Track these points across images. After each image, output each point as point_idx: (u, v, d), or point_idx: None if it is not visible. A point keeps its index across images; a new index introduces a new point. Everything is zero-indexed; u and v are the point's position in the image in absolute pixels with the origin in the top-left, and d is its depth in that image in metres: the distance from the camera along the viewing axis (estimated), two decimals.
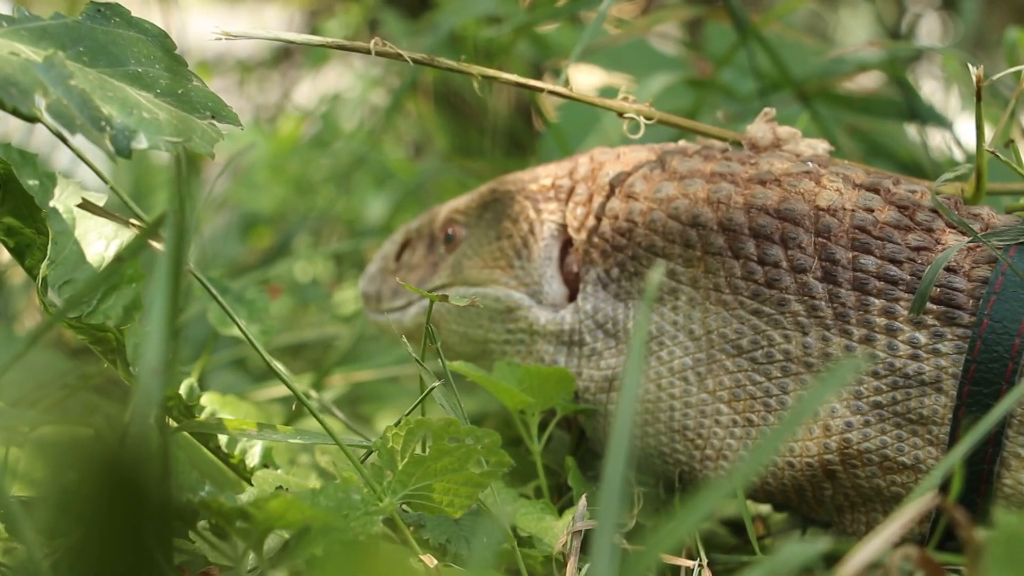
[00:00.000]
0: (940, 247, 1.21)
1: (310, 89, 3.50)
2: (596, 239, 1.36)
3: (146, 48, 1.16)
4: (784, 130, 1.34)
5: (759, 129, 1.34)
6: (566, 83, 1.37)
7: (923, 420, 1.19)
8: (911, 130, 2.15)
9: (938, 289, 1.20)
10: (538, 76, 2.31)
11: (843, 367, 0.91)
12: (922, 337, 1.19)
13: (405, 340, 1.26)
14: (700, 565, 1.23)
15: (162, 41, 1.18)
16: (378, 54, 1.33)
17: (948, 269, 1.20)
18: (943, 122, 2.02)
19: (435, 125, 2.99)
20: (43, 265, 1.20)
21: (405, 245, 1.56)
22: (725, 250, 1.26)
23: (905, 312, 1.20)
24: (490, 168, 2.40)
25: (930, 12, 5.64)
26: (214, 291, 1.15)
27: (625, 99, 1.36)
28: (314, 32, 3.33)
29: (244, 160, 2.68)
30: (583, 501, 1.23)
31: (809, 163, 1.29)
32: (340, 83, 3.29)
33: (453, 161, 2.71)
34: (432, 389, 1.19)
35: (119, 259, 1.20)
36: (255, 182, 2.70)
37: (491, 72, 1.35)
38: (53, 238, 1.21)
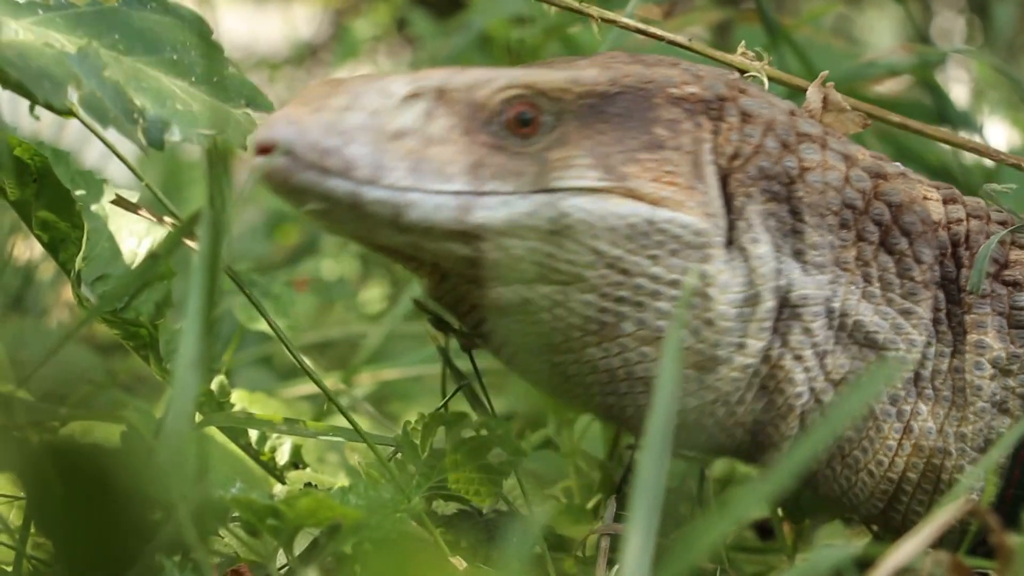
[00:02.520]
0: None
1: None
2: (754, 176, 1.19)
3: (182, 34, 1.16)
4: (832, 94, 1.32)
5: (813, 93, 1.32)
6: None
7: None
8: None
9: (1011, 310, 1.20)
10: None
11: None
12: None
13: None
14: (723, 570, 1.22)
15: (199, 27, 1.18)
16: None
17: (1016, 284, 1.21)
18: (972, 126, 2.02)
19: None
20: (78, 259, 1.20)
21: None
22: (878, 241, 1.22)
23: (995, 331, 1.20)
24: None
25: (956, 15, 5.63)
26: (242, 284, 1.15)
27: (744, 55, 1.34)
28: (342, 31, 3.34)
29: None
30: (612, 503, 1.22)
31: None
32: None
33: None
34: (460, 388, 1.19)
35: (154, 256, 1.20)
36: None
37: (610, 15, 1.36)
38: (87, 233, 1.21)
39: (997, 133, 2.73)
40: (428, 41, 3.02)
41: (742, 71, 1.30)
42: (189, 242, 1.10)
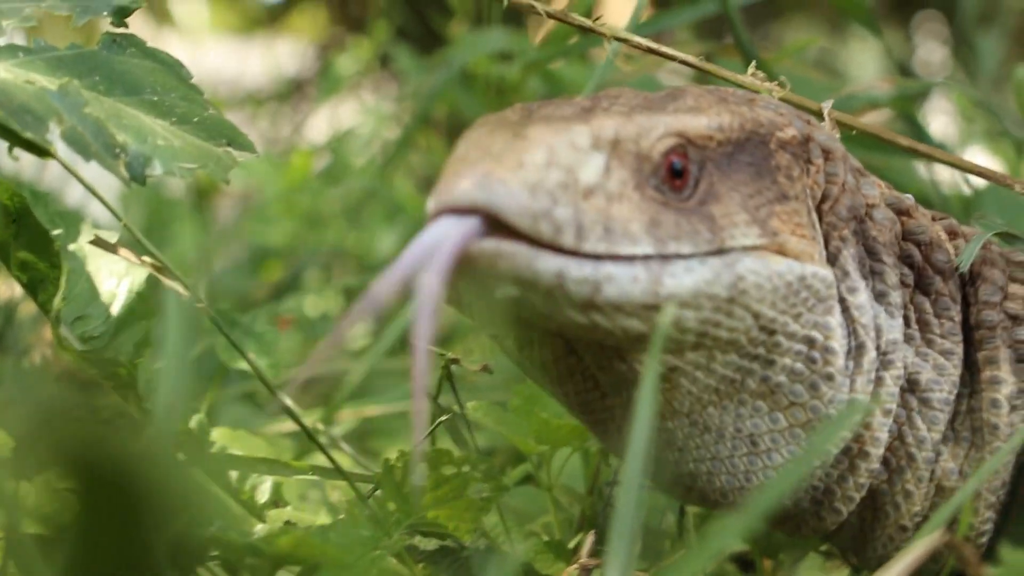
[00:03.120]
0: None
1: (321, 123, 3.51)
2: (844, 218, 1.15)
3: (162, 77, 1.17)
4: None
5: (828, 122, 1.31)
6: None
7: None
8: (920, 166, 2.16)
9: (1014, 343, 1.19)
10: None
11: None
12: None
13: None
14: None
15: (177, 70, 1.19)
16: (511, 4, 1.31)
17: (1014, 318, 1.19)
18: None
19: (445, 160, 3.00)
20: (57, 299, 1.20)
21: None
22: (913, 282, 1.20)
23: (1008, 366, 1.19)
24: None
25: (940, 45, 5.65)
26: (223, 326, 1.15)
27: (755, 75, 1.34)
28: (327, 66, 3.36)
29: (255, 194, 2.69)
30: (591, 537, 1.23)
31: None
32: (351, 118, 3.30)
33: None
34: (440, 422, 1.19)
35: (143, 298, 1.21)
36: (266, 215, 2.71)
37: (623, 34, 1.35)
38: (66, 274, 1.22)
39: (980, 162, 2.75)
40: (411, 76, 3.03)
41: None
42: (173, 284, 1.10)
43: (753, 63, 1.33)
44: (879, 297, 1.15)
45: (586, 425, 1.15)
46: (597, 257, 0.95)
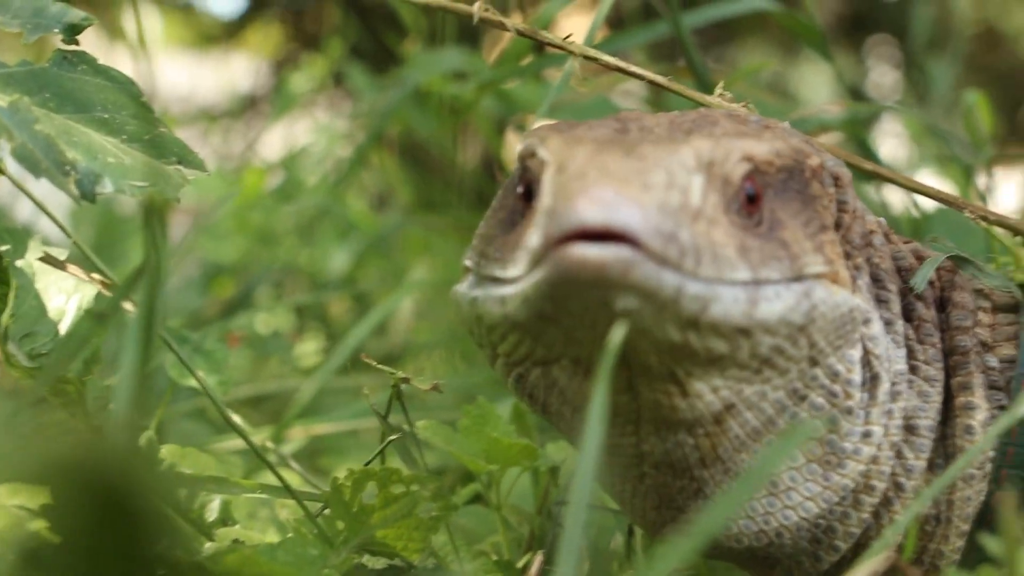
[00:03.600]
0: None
1: (275, 140, 3.50)
2: (859, 246, 1.15)
3: (113, 95, 1.17)
4: None
5: None
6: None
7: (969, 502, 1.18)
8: (870, 189, 2.17)
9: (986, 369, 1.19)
10: (502, 131, 2.32)
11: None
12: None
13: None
14: None
15: (129, 88, 1.19)
16: (482, 20, 1.31)
17: (984, 344, 1.19)
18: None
19: (399, 178, 3.00)
20: (5, 316, 1.20)
21: None
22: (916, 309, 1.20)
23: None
24: (455, 222, 2.41)
25: (892, 69, 5.69)
26: (173, 343, 1.15)
27: (722, 96, 1.34)
28: (281, 83, 3.35)
29: (208, 210, 2.68)
30: (540, 557, 1.23)
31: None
32: (305, 135, 3.30)
33: (416, 214, 2.72)
34: (390, 441, 1.19)
35: (98, 316, 1.20)
36: (218, 232, 2.70)
37: (592, 52, 1.35)
38: (15, 291, 1.21)
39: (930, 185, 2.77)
40: (365, 94, 3.04)
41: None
42: (127, 305, 1.10)
43: (721, 83, 1.34)
44: (887, 326, 1.15)
45: (607, 468, 1.13)
46: (707, 280, 0.97)
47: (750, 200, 1.04)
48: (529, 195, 1.05)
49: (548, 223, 0.96)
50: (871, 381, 1.11)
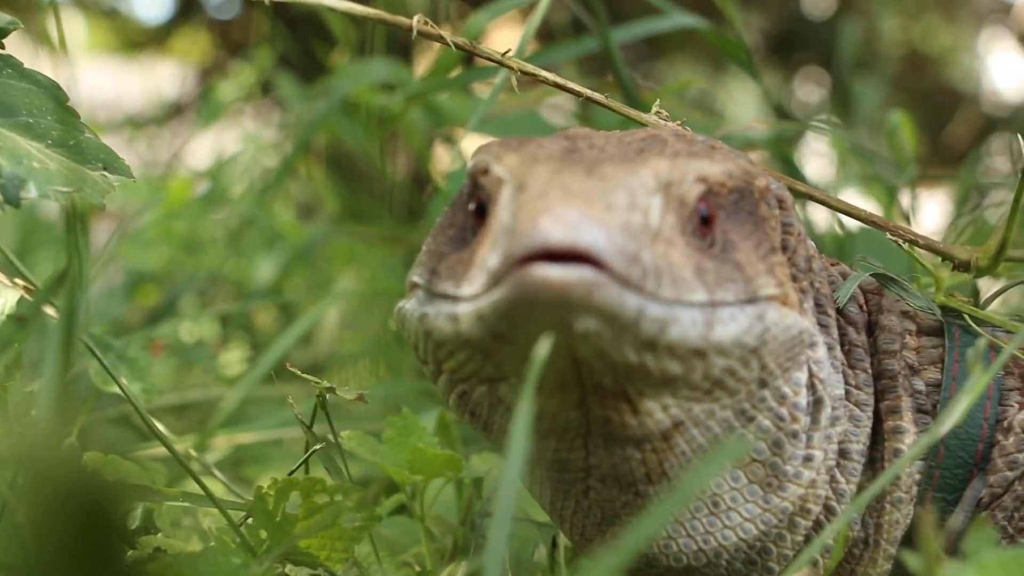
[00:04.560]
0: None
1: (201, 148, 3.49)
2: (804, 269, 1.15)
3: (38, 99, 1.16)
4: None
5: None
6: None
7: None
8: (796, 207, 2.19)
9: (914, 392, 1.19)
10: (430, 144, 2.32)
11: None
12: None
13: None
14: None
15: (54, 93, 1.18)
16: (420, 33, 1.31)
17: (911, 367, 1.20)
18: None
19: (326, 188, 3.00)
20: None
21: None
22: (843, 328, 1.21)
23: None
24: (382, 233, 2.41)
25: (818, 88, 5.75)
26: (96, 350, 1.14)
27: (658, 113, 1.34)
28: (207, 92, 3.34)
29: (131, 217, 2.67)
30: (463, 568, 1.23)
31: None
32: (232, 144, 3.28)
33: (343, 225, 2.72)
34: (314, 451, 1.19)
35: (21, 320, 1.19)
36: (143, 240, 2.69)
37: (529, 68, 1.35)
38: None
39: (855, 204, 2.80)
40: (293, 104, 3.03)
41: None
42: (48, 310, 1.09)
43: (658, 101, 1.34)
44: (829, 350, 1.15)
45: (549, 483, 1.14)
46: (667, 302, 0.96)
47: (704, 222, 1.03)
48: (482, 212, 1.04)
49: (508, 242, 0.95)
50: (814, 405, 1.12)
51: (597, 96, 1.37)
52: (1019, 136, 1.20)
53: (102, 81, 4.53)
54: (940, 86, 5.99)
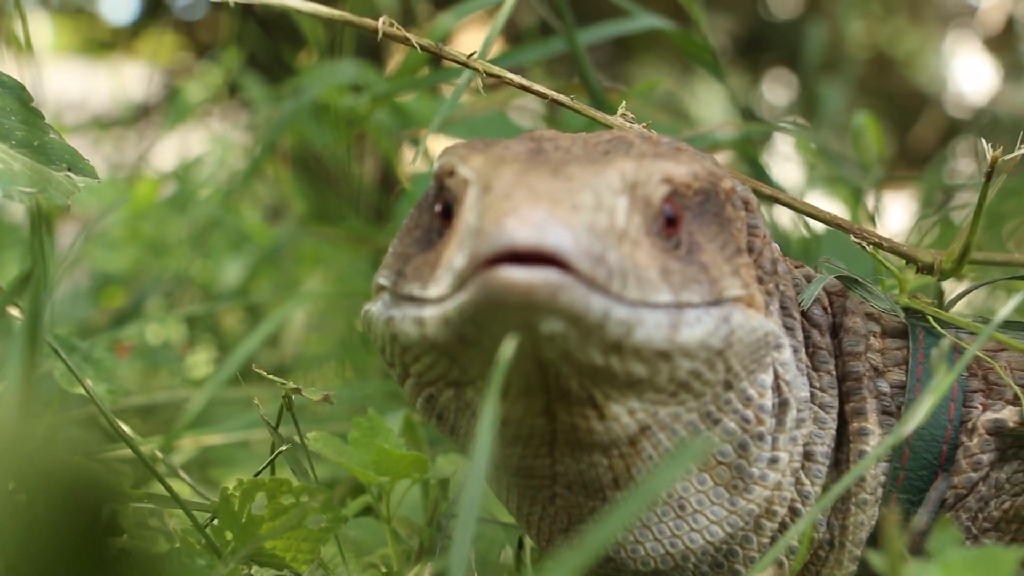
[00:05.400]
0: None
1: (168, 150, 3.47)
2: (769, 271, 1.15)
3: (2, 100, 1.15)
4: None
5: None
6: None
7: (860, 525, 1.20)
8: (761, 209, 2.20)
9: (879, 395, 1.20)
10: (397, 144, 2.32)
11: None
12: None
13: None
14: None
15: (18, 93, 1.17)
16: (385, 35, 1.31)
17: (875, 369, 1.21)
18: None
19: (293, 189, 2.99)
20: None
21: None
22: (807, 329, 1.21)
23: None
24: (349, 234, 2.41)
25: (784, 91, 5.77)
26: (61, 351, 1.14)
27: (624, 116, 1.34)
28: (174, 93, 3.33)
29: (96, 218, 2.66)
30: (429, 570, 1.23)
31: None
32: (199, 145, 3.28)
33: (311, 226, 2.71)
34: (280, 452, 1.19)
35: None
36: (109, 242, 2.68)
37: (496, 70, 1.35)
38: None
39: (820, 206, 2.81)
40: (261, 105, 3.02)
41: None
42: (13, 311, 1.09)
43: (624, 104, 1.35)
44: (795, 352, 1.16)
45: (516, 488, 1.14)
46: (632, 303, 0.96)
47: (669, 223, 1.04)
48: (448, 213, 1.04)
49: (474, 243, 0.95)
50: (780, 407, 1.12)
51: (562, 98, 1.37)
52: (982, 140, 1.21)
53: (69, 82, 4.51)
54: (906, 88, 6.02)
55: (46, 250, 0.94)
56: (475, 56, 1.38)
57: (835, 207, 2.95)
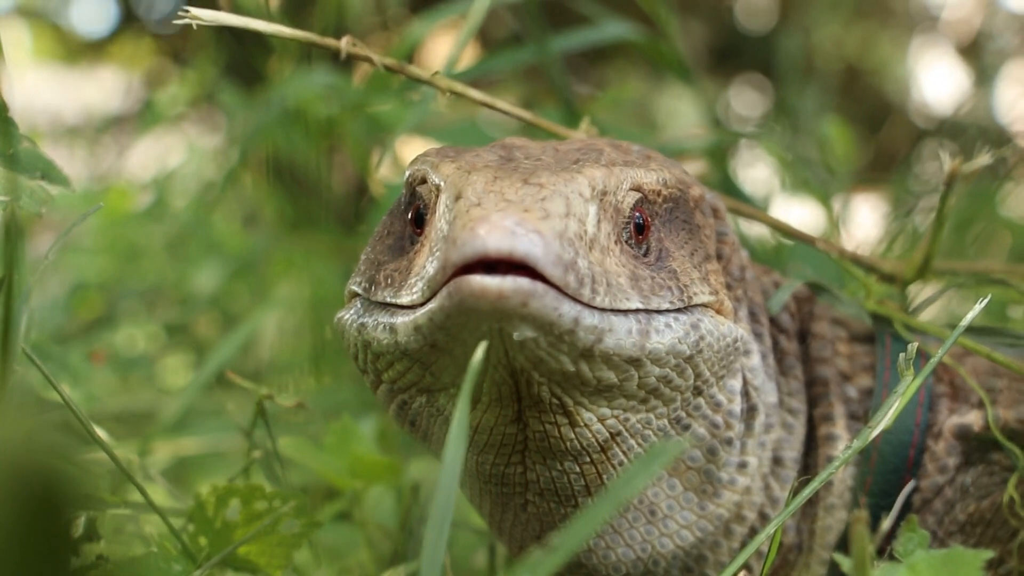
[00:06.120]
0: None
1: (144, 158, 3.47)
2: (738, 278, 1.17)
3: None
4: None
5: None
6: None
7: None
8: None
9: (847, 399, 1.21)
10: (371, 152, 2.33)
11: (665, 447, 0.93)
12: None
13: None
14: None
15: None
16: (349, 55, 1.31)
17: (843, 374, 1.22)
18: (756, 206, 2.08)
19: (268, 197, 2.99)
20: None
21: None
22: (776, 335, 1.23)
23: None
24: (324, 241, 2.41)
25: (758, 98, 5.78)
26: (35, 358, 1.14)
27: (589, 132, 1.35)
28: (150, 100, 3.32)
29: (70, 227, 2.66)
30: (402, 573, 1.24)
31: None
32: (175, 152, 3.27)
33: (286, 234, 2.71)
34: (254, 458, 1.20)
35: None
36: (85, 249, 2.67)
37: (459, 88, 1.36)
38: None
39: (793, 212, 2.82)
40: (236, 112, 3.02)
41: None
42: None
43: (587, 118, 1.36)
44: (763, 358, 1.18)
45: (488, 495, 1.15)
46: (602, 310, 0.98)
47: (639, 230, 1.05)
48: (420, 220, 1.05)
49: (446, 250, 0.95)
50: (748, 412, 1.14)
51: (525, 114, 1.38)
52: (941, 151, 1.22)
53: (44, 90, 4.50)
54: (875, 97, 6.03)
55: (20, 258, 0.94)
56: (439, 74, 1.39)
57: (808, 210, 2.96)
